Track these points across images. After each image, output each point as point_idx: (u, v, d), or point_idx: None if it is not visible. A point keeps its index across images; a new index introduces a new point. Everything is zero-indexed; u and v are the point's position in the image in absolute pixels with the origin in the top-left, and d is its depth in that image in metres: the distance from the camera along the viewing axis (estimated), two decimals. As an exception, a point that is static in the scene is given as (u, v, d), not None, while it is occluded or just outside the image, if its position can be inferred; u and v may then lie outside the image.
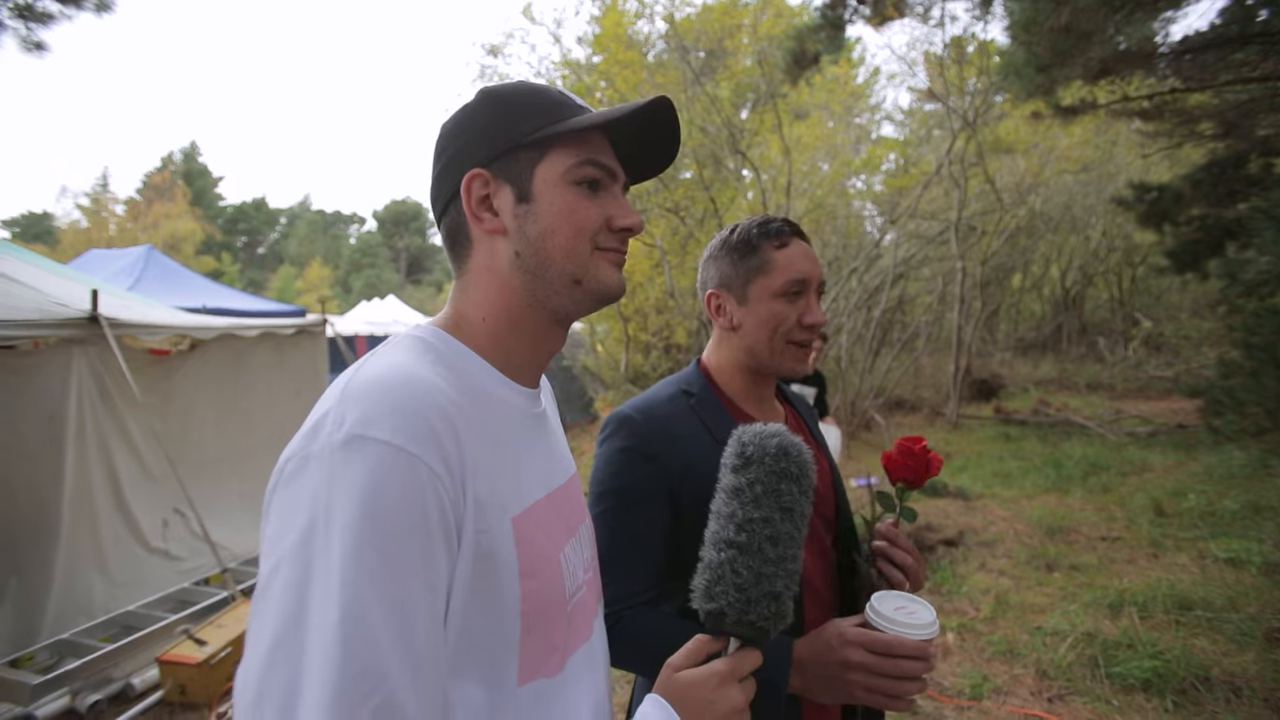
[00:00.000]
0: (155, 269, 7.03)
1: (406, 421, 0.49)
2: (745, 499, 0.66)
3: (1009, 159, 10.31)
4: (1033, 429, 8.15)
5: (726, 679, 0.62)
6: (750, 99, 11.04)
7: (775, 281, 1.02)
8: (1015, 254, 12.54)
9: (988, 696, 2.79)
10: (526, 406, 0.67)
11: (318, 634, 0.43)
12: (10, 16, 5.30)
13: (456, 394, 0.56)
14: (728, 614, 0.63)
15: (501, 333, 0.66)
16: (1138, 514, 4.85)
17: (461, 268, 0.68)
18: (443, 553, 0.49)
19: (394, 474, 0.47)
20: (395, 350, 0.60)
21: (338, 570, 0.44)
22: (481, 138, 0.64)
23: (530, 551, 0.57)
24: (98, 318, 2.99)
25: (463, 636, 0.53)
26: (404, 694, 0.44)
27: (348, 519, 0.45)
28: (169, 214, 29.21)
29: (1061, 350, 13.93)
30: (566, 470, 0.73)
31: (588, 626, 0.68)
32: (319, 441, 0.48)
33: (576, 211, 0.64)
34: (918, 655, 0.82)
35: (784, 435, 0.69)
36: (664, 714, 0.60)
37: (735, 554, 0.64)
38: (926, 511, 5.18)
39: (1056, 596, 3.65)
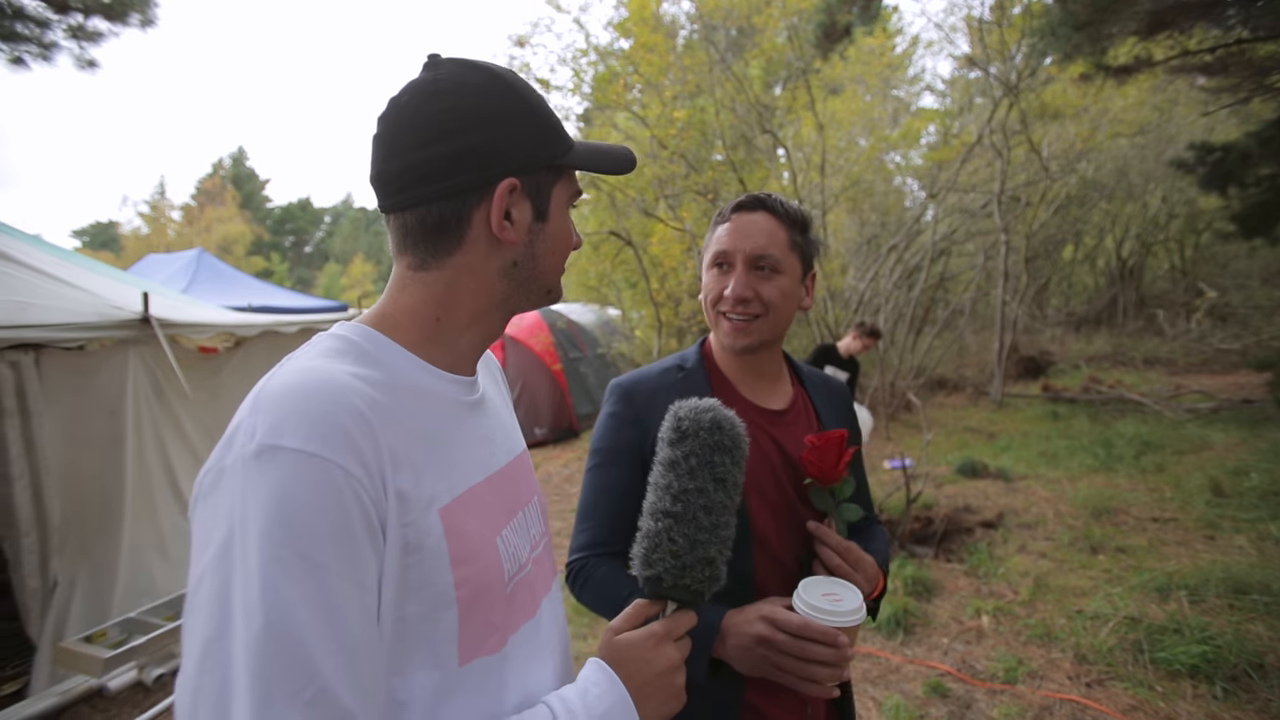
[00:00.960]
0: (206, 270, 7.38)
1: (317, 427, 0.50)
2: (681, 471, 0.69)
3: (1057, 125, 9.81)
4: (1083, 407, 7.82)
5: (663, 639, 0.66)
6: (782, 76, 10.77)
7: (708, 255, 1.07)
8: (1066, 225, 11.96)
9: (1022, 680, 2.73)
10: (460, 395, 0.69)
11: (244, 639, 0.45)
12: (65, 37, 5.59)
13: (377, 392, 0.57)
14: (664, 579, 0.66)
15: (454, 330, 0.67)
16: (1194, 494, 4.62)
17: (434, 261, 0.65)
18: (369, 550, 0.51)
19: (307, 480, 0.48)
20: (311, 352, 0.60)
21: (258, 577, 0.46)
22: (518, 143, 0.65)
23: (461, 539, 0.59)
24: (149, 319, 3.17)
25: (403, 626, 0.55)
26: (338, 686, 0.46)
27: (263, 527, 0.47)
28: (220, 217, 30.51)
29: (1117, 324, 13.26)
30: (510, 451, 0.75)
31: (533, 604, 0.70)
32: (232, 454, 0.50)
33: (569, 236, 0.72)
34: (824, 640, 0.82)
35: (717, 410, 0.72)
36: (603, 674, 0.63)
37: (671, 523, 0.67)
38: (965, 493, 5.06)
39: (1100, 579, 3.53)
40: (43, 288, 3.13)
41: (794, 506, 1.03)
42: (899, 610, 3.27)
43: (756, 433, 1.04)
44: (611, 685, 0.62)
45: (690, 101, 8.40)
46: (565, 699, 0.62)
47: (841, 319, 8.61)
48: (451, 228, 0.64)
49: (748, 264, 1.03)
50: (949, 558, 4.01)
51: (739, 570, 0.97)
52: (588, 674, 0.64)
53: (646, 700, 0.63)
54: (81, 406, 3.06)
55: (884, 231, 10.98)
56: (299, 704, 0.45)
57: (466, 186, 0.63)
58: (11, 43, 5.26)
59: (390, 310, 0.66)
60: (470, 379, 0.71)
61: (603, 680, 0.63)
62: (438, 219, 0.64)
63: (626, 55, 8.55)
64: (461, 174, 0.62)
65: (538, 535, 0.76)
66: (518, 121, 0.65)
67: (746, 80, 8.44)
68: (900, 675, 2.86)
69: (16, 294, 2.96)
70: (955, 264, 11.53)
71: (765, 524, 1.00)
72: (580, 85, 7.92)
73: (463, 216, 0.64)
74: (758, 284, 1.02)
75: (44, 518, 2.89)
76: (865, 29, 11.79)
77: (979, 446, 6.59)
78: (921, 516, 4.48)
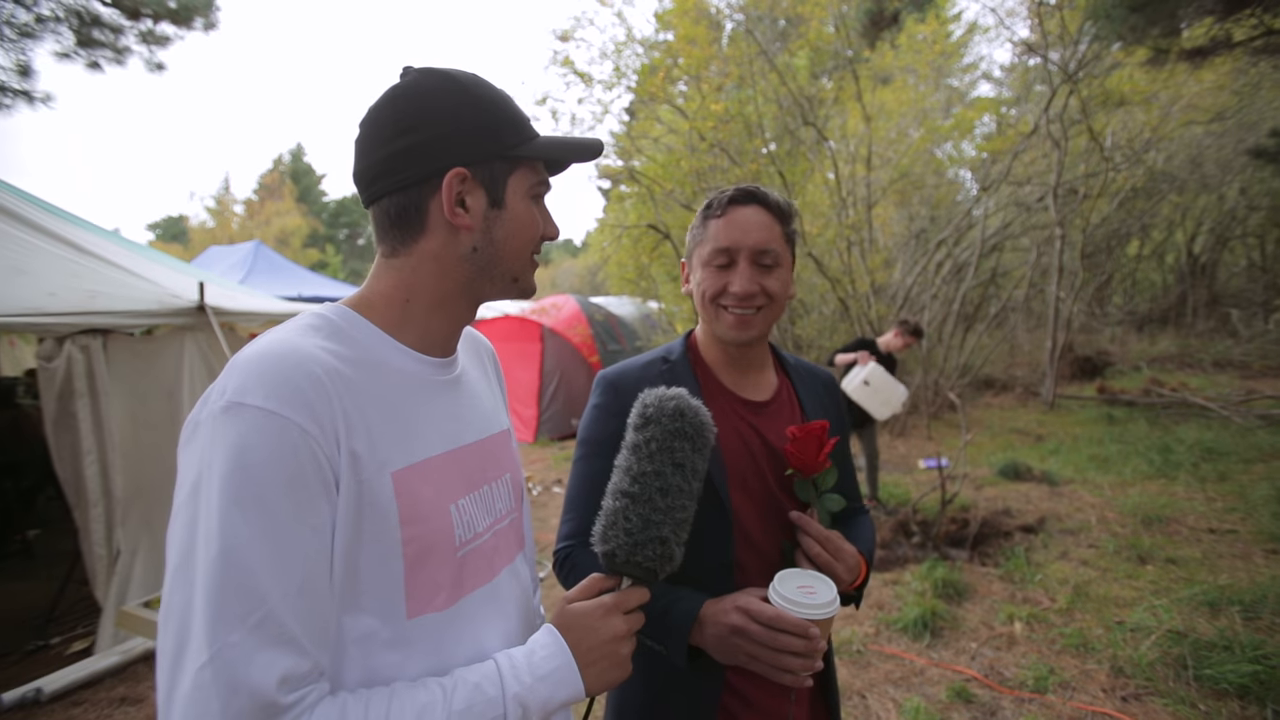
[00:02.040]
0: (263, 262, 7.76)
1: (277, 388, 0.57)
2: (642, 454, 0.72)
3: (1122, 112, 9.27)
4: (1141, 410, 7.43)
5: (611, 610, 0.69)
6: (829, 66, 10.52)
7: (704, 251, 1.05)
8: (1131, 219, 11.32)
9: (1052, 690, 2.64)
10: (431, 374, 0.74)
11: (204, 565, 0.52)
12: (136, 41, 5.94)
13: (343, 364, 0.64)
14: (618, 555, 0.70)
15: (422, 313, 0.73)
16: (1259, 505, 4.35)
17: (402, 248, 0.72)
18: (321, 498, 0.57)
19: (265, 434, 0.55)
20: (288, 326, 0.67)
21: (217, 513, 0.53)
22: (465, 136, 0.70)
23: (412, 501, 0.64)
24: (204, 307, 3.37)
25: (355, 572, 0.61)
26: (284, 613, 0.53)
27: (225, 471, 0.54)
28: (279, 211, 31.86)
29: (1185, 324, 12.50)
30: (484, 430, 0.80)
31: (490, 571, 0.75)
32: (206, 409, 0.57)
33: (532, 224, 0.76)
34: (796, 631, 0.83)
35: (681, 398, 0.75)
36: (552, 638, 0.68)
37: (628, 503, 0.70)
38: (1005, 496, 4.89)
39: (1146, 591, 3.37)
40: (111, 277, 3.37)
41: (776, 497, 1.04)
42: (926, 612, 3.20)
43: (739, 424, 1.05)
44: (558, 649, 0.66)
45: (734, 94, 8.31)
46: (512, 657, 0.66)
47: (885, 315, 8.41)
48: (412, 216, 0.71)
49: (751, 259, 1.02)
50: (984, 561, 3.90)
51: (721, 560, 0.99)
52: (537, 636, 0.69)
53: (590, 666, 0.67)
54: (143, 388, 3.28)
55: (933, 225, 10.64)
56: (247, 624, 0.52)
57: (418, 178, 0.69)
58: (89, 49, 5.63)
59: (367, 294, 0.73)
60: (444, 360, 0.77)
61: (550, 643, 0.67)
62: (399, 209, 0.71)
63: (669, 47, 8.51)
64: (412, 167, 0.69)
65: (504, 510, 0.80)
66: (465, 117, 0.70)
67: (790, 72, 8.28)
68: (924, 678, 2.81)
69: (88, 283, 3.19)
70: (1008, 259, 11.07)
71: (747, 514, 1.02)
72: (620, 79, 7.92)
73: (420, 206, 0.70)
74: (761, 278, 1.02)
75: (110, 491, 3.12)
76: (916, 15, 11.38)
77: (1025, 449, 6.35)
78: (957, 518, 4.37)
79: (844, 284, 8.19)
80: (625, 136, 9.72)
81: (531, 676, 0.64)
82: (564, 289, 26.75)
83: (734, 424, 1.05)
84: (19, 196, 3.57)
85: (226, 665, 0.50)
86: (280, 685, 0.52)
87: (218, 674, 0.50)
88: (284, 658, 0.53)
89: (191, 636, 0.51)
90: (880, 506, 4.84)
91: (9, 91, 5.44)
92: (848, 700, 2.68)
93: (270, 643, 0.52)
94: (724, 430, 1.03)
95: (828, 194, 8.81)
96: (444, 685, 0.61)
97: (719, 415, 1.04)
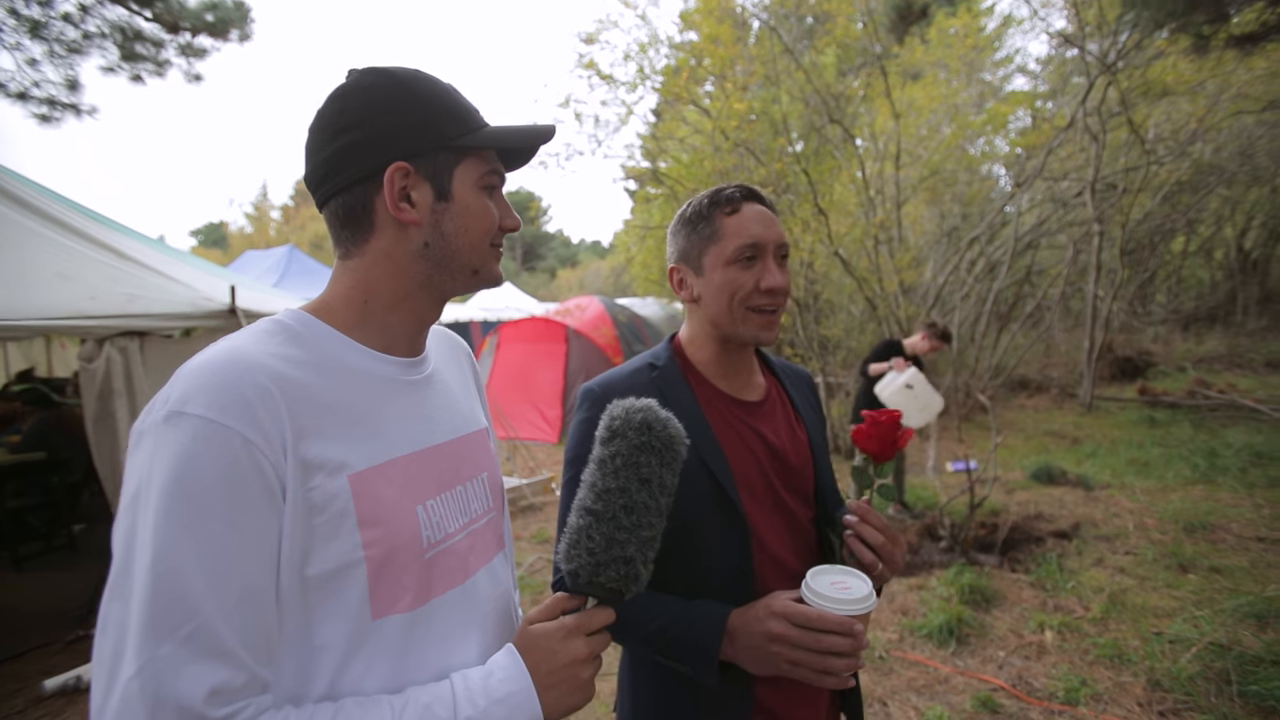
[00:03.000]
0: (296, 266, 7.95)
1: (219, 397, 0.56)
2: (607, 470, 0.69)
3: (1165, 103, 8.92)
4: (1186, 413, 7.14)
5: (572, 632, 0.67)
6: (857, 63, 10.37)
7: (727, 249, 1.00)
8: (1176, 214, 10.88)
9: (1084, 703, 2.55)
10: (396, 374, 0.73)
11: (139, 576, 0.52)
12: (175, 54, 6.16)
13: (294, 368, 0.63)
14: (580, 575, 0.67)
15: (381, 311, 0.72)
16: (1312, 513, 4.14)
17: (355, 249, 0.71)
18: (265, 506, 0.57)
19: (206, 443, 0.54)
20: (243, 334, 0.66)
21: (152, 523, 0.53)
22: (403, 130, 0.69)
23: (371, 503, 0.63)
24: (235, 309, 3.47)
25: (315, 578, 0.60)
26: (219, 625, 0.53)
27: (163, 481, 0.54)
28: (313, 216, 32.62)
29: (1234, 323, 11.96)
30: (456, 429, 0.79)
31: (463, 572, 0.73)
32: (150, 418, 0.57)
33: (485, 215, 0.74)
34: (840, 630, 0.81)
35: (649, 410, 0.71)
36: (511, 660, 0.66)
37: (591, 520, 0.68)
38: (1038, 500, 4.75)
39: (1187, 601, 3.23)
40: (149, 281, 3.49)
41: (780, 496, 1.01)
42: (952, 619, 3.12)
43: (739, 425, 1.03)
44: (517, 671, 0.65)
45: (759, 93, 8.24)
46: (468, 678, 0.65)
47: (915, 315, 8.24)
48: (359, 216, 0.70)
49: (775, 255, 1.01)
50: (1014, 567, 3.79)
51: (741, 568, 0.96)
52: (497, 658, 0.67)
53: (550, 690, 0.65)
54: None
55: (965, 223, 10.39)
56: (178, 636, 0.51)
57: (360, 175, 0.69)
58: (132, 62, 5.86)
59: (325, 298, 0.73)
60: (411, 360, 0.76)
61: (509, 666, 0.65)
62: (347, 210, 0.70)
63: (694, 48, 8.49)
64: (353, 165, 0.68)
65: (479, 510, 0.79)
66: (402, 111, 0.69)
67: (816, 70, 8.18)
68: (948, 686, 2.73)
69: (126, 287, 3.31)
70: (1044, 257, 10.75)
71: (758, 518, 0.99)
72: (644, 79, 7.92)
73: (366, 204, 0.70)
74: (784, 275, 1.01)
75: (146, 487, 3.23)
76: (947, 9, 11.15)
77: (1060, 452, 6.16)
78: (987, 522, 4.25)
79: (871, 283, 8.05)
80: (650, 138, 9.72)
81: (486, 700, 0.62)
82: (591, 290, 26.87)
83: (735, 427, 1.03)
84: (65, 205, 3.73)
85: (154, 677, 0.50)
86: (210, 699, 0.51)
87: (145, 686, 0.50)
88: (216, 670, 0.52)
89: (125, 647, 0.51)
90: (906, 510, 4.74)
91: (59, 105, 5.70)
92: (869, 708, 2.63)
93: (202, 655, 0.52)
94: (725, 434, 1.01)
95: (855, 192, 8.67)
96: (393, 704, 0.60)
97: (718, 419, 1.03)
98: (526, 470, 6.20)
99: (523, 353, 8.78)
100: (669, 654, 0.92)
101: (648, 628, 0.92)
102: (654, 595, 0.94)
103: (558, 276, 36.70)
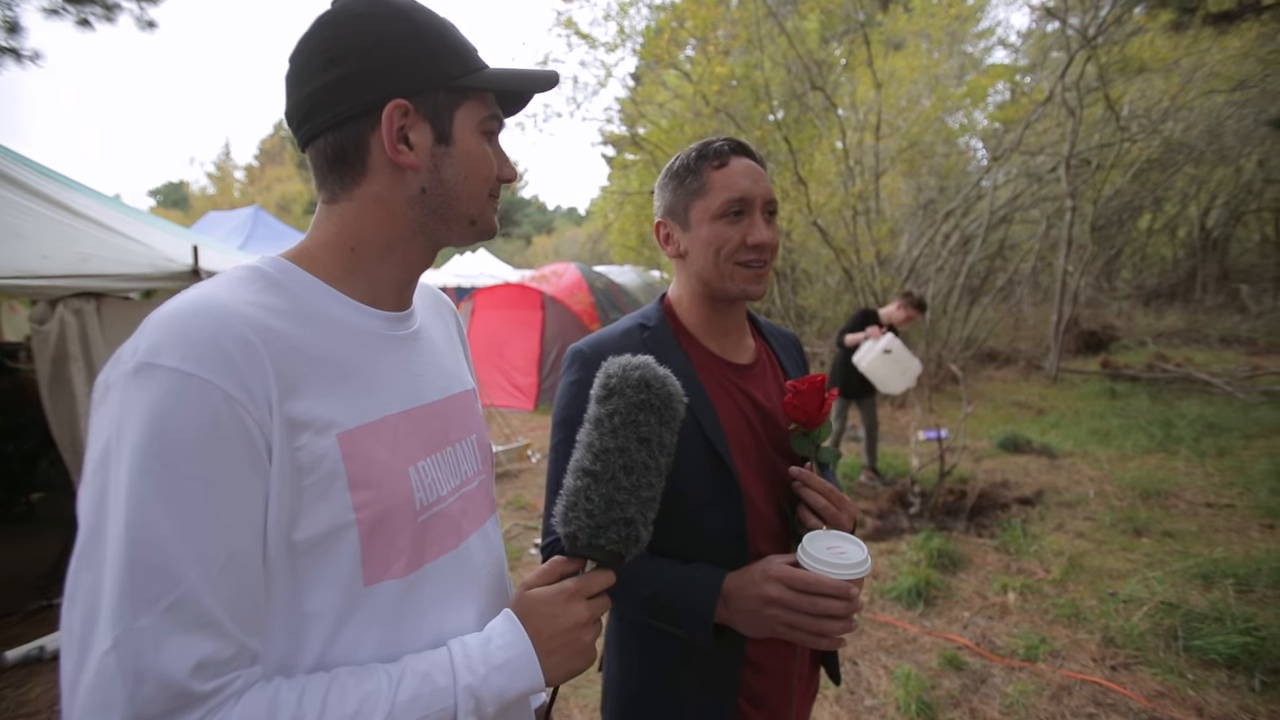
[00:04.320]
0: (262, 229, 7.68)
1: (195, 348, 0.51)
2: (604, 429, 0.67)
3: (1141, 80, 9.01)
4: (1145, 385, 7.40)
5: (573, 595, 0.65)
6: (840, 30, 10.24)
7: (713, 203, 0.98)
8: (1144, 191, 11.11)
9: (1043, 659, 2.67)
10: (383, 329, 0.69)
11: (112, 542, 0.48)
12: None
13: (278, 320, 0.58)
14: (579, 537, 0.65)
15: (370, 261, 0.67)
16: (1257, 481, 4.35)
17: (343, 193, 0.66)
18: (248, 468, 0.52)
19: (182, 399, 0.49)
20: (219, 280, 0.60)
21: (125, 485, 0.48)
22: (404, 66, 0.63)
23: (364, 464, 0.60)
24: (199, 271, 3.34)
25: (304, 543, 0.56)
26: (203, 594, 0.49)
27: (135, 439, 0.49)
28: (280, 177, 31.52)
29: (1193, 299, 12.37)
30: (444, 389, 0.75)
31: (456, 535, 0.71)
32: (117, 370, 0.52)
33: (485, 162, 0.69)
34: (836, 594, 0.81)
35: (647, 368, 0.69)
36: (510, 626, 0.64)
37: (590, 481, 0.65)
38: (1004, 468, 4.90)
39: (1140, 563, 3.38)
40: (106, 241, 3.32)
41: (771, 459, 1.01)
42: (920, 582, 3.22)
43: (730, 388, 1.02)
44: (517, 637, 0.63)
45: (740, 57, 8.09)
46: (467, 645, 0.62)
47: (890, 285, 8.33)
48: (351, 156, 0.64)
49: (763, 210, 0.99)
50: (980, 532, 3.92)
51: (734, 531, 0.96)
52: (495, 624, 0.65)
53: (551, 654, 0.63)
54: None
55: (942, 196, 10.46)
56: (159, 607, 0.47)
57: (354, 112, 0.63)
58: (77, 4, 5.48)
59: (308, 245, 0.67)
60: (398, 314, 0.71)
61: (508, 632, 0.63)
62: (336, 149, 0.64)
63: (675, 9, 8.27)
64: (345, 100, 0.62)
65: (470, 473, 0.76)
66: (403, 43, 0.64)
67: (799, 35, 8.04)
68: (916, 646, 2.84)
69: (82, 247, 3.15)
70: (1016, 231, 10.91)
71: (750, 481, 0.99)
72: (625, 40, 7.71)
73: (359, 144, 0.64)
74: (771, 231, 1.00)
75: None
76: (932, -24, 10.98)
77: (1026, 422, 6.34)
78: (955, 489, 4.38)
79: (849, 254, 8.09)
80: (630, 102, 9.51)
81: (486, 666, 0.60)
82: (567, 257, 26.56)
83: (727, 389, 1.02)
84: (15, 161, 3.51)
85: (133, 651, 0.46)
86: (195, 672, 0.48)
87: (123, 660, 0.46)
88: (202, 642, 0.49)
89: (99, 620, 0.47)
90: (878, 477, 4.85)
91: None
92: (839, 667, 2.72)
93: (185, 626, 0.48)
94: (718, 396, 1.00)
95: (834, 162, 8.64)
96: (390, 673, 0.58)
97: (711, 381, 1.02)
98: (502, 437, 6.17)
99: (498, 319, 8.65)
100: (663, 617, 0.93)
101: (641, 592, 0.92)
102: (647, 558, 0.94)
103: (533, 243, 36.18)
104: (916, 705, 2.37)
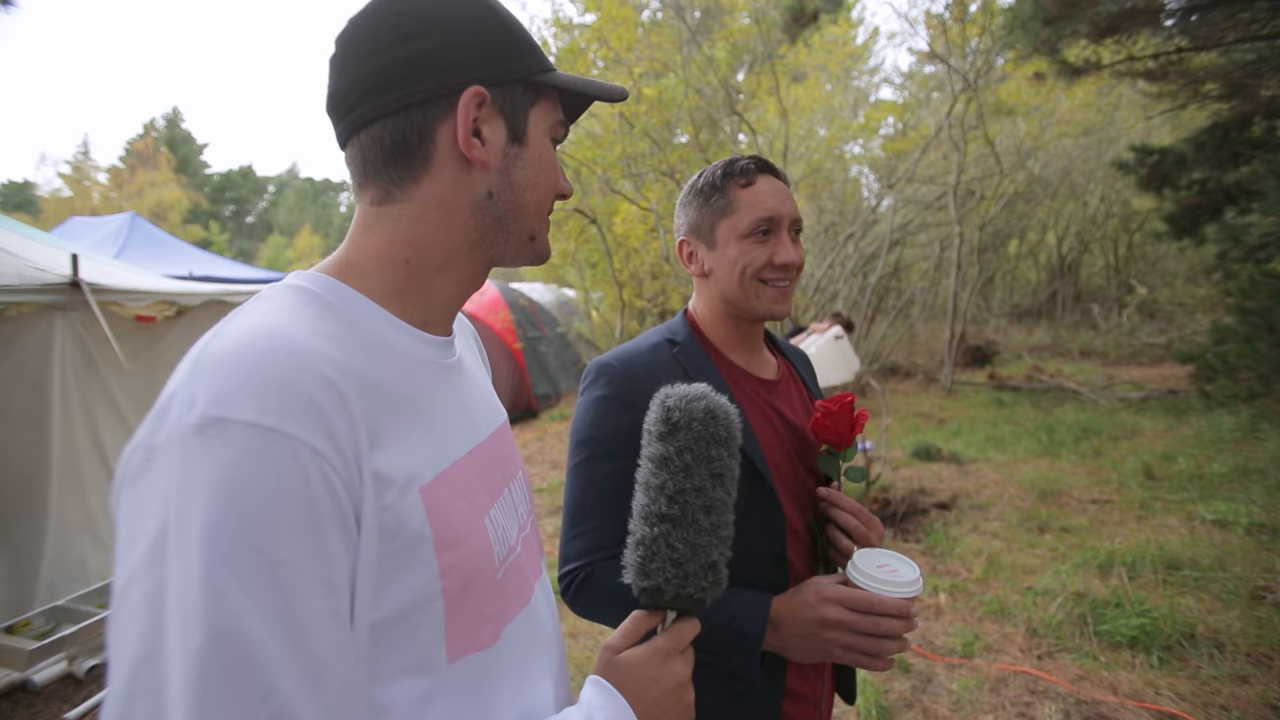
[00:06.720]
0: (140, 237, 6.88)
1: (276, 396, 0.41)
2: (675, 468, 0.61)
3: (1009, 121, 10.14)
4: (1026, 395, 8.18)
5: (669, 654, 0.59)
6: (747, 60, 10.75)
7: (741, 222, 0.98)
8: (1013, 220, 12.44)
9: (979, 654, 2.83)
10: (438, 357, 0.60)
11: (181, 657, 0.37)
12: (-27, -32, 5.05)
13: (349, 354, 0.49)
14: (665, 590, 0.60)
15: (426, 276, 0.58)
16: (1128, 477, 4.89)
17: (399, 192, 0.56)
18: (339, 543, 0.43)
19: (263, 460, 0.39)
20: (265, 306, 0.50)
21: (199, 581, 0.37)
22: (485, 51, 0.56)
23: (446, 521, 0.51)
24: (79, 283, 2.91)
25: (383, 626, 0.47)
26: (301, 706, 0.39)
27: (207, 518, 0.38)
28: (153, 181, 28.60)
29: (1056, 317, 13.94)
30: (492, 421, 0.67)
31: (526, 589, 0.63)
32: (166, 428, 0.40)
33: (554, 170, 0.63)
34: (898, 613, 0.80)
35: (710, 397, 0.64)
36: (608, 698, 0.56)
37: (669, 528, 0.60)
38: (920, 475, 5.22)
39: (1047, 558, 3.70)
40: (-48, 245, 2.84)
41: (802, 477, 1.00)
42: (861, 589, 3.34)
43: (761, 405, 1.01)
44: (618, 709, 0.55)
45: (655, 81, 8.28)
46: None
47: (800, 304, 8.74)
48: (414, 146, 0.55)
49: (790, 229, 1.00)
50: (906, 538, 4.13)
51: (774, 551, 0.93)
52: (590, 697, 0.57)
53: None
54: (1, 377, 2.80)
55: (841, 220, 11.17)
56: None
57: (425, 95, 0.54)
58: (-90, -28, 4.72)
59: (354, 256, 0.56)
60: (446, 339, 0.63)
61: (608, 704, 0.56)
62: (397, 137, 0.55)
63: (594, 29, 8.34)
64: (418, 81, 0.54)
65: (524, 514, 0.68)
66: (488, 25, 0.57)
67: (715, 61, 8.36)
68: (863, 651, 2.93)
69: (-78, 251, 2.67)
70: (908, 254, 11.85)
71: (787, 502, 0.96)
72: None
73: (425, 132, 0.55)
74: (798, 250, 1.00)
75: (-42, 498, 2.64)
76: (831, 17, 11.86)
77: (931, 431, 6.82)
78: (880, 498, 4.60)
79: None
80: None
81: None
82: (477, 275, 25.87)
83: (759, 405, 1.00)
84: None
85: None
86: None
87: None
88: None
89: None
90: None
91: None
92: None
93: None
94: (752, 414, 0.98)
95: (749, 185, 9.00)
96: None
97: (744, 398, 0.99)
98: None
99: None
100: (705, 647, 0.87)
101: None
102: None
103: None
104: (876, 710, 2.43)
